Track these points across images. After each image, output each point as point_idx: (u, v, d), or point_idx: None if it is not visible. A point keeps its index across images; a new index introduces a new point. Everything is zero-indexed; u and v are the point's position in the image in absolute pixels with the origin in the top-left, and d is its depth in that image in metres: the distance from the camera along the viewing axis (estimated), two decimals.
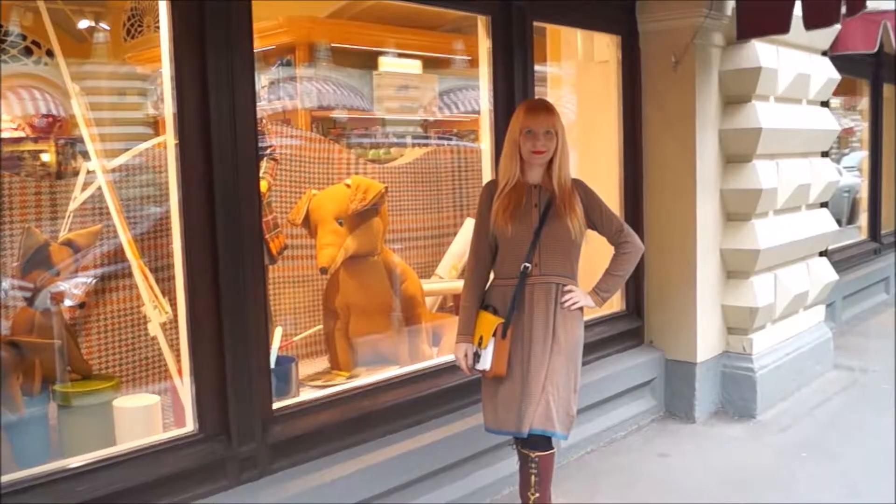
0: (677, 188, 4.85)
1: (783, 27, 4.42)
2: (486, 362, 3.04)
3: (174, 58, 2.89)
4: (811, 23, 4.27)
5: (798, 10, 4.30)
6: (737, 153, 4.99)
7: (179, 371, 3.33)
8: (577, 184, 3.16)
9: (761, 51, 4.88)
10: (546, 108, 3.06)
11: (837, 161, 8.50)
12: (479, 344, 3.05)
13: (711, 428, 4.80)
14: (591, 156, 5.22)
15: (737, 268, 5.05)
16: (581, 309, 3.14)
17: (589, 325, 4.70)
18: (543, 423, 3.02)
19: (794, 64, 5.23)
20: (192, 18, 2.88)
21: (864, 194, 8.62)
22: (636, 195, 5.02)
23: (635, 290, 5.06)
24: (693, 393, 4.87)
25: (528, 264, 3.02)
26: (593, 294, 3.16)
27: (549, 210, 3.03)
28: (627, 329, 4.98)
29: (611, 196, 5.01)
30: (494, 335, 3.03)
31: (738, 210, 5.01)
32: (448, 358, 3.71)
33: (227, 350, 3.01)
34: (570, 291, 3.07)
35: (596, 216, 3.16)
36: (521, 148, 3.04)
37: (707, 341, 4.95)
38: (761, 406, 4.96)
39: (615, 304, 5.05)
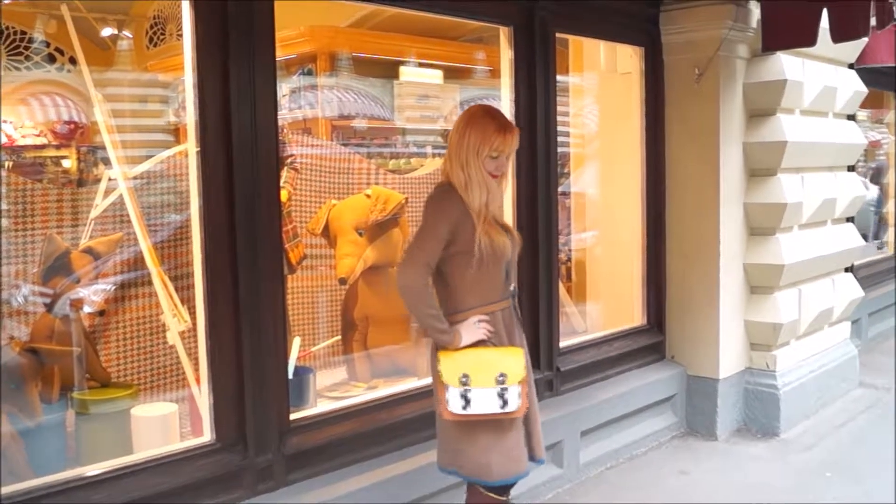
0: (700, 201, 4.82)
1: (810, 40, 4.37)
2: (514, 402, 2.62)
3: (196, 66, 2.91)
4: (838, 35, 4.23)
5: (825, 22, 4.26)
6: (761, 167, 4.95)
7: (197, 380, 3.34)
8: None
9: (787, 63, 4.85)
10: (517, 130, 2.76)
11: (865, 175, 8.42)
12: (503, 382, 2.62)
13: (734, 446, 4.75)
14: (614, 168, 5.22)
15: (760, 283, 5.00)
16: None
17: (609, 340, 4.77)
18: (543, 451, 2.84)
19: (821, 76, 5.20)
20: (214, 26, 2.91)
21: (891, 209, 8.54)
22: (658, 208, 5.00)
23: (657, 304, 5.04)
24: (715, 410, 4.82)
25: (514, 284, 2.84)
26: None
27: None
28: (648, 344, 4.95)
29: (633, 209, 5.02)
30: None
31: (762, 224, 4.97)
32: None
33: (244, 360, 3.02)
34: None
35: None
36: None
37: (729, 357, 4.90)
38: (785, 424, 4.90)
39: (636, 317, 5.04)
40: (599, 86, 5.31)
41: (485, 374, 2.63)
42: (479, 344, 2.70)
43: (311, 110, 5.90)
